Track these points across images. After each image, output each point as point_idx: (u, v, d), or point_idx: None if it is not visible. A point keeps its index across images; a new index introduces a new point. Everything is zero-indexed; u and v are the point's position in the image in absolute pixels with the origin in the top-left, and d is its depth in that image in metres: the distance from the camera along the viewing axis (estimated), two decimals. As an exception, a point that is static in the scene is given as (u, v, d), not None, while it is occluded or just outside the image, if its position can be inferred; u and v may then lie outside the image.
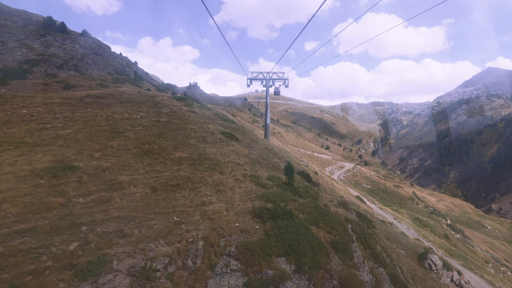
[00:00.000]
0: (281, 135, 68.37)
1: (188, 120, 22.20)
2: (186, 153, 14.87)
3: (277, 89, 33.50)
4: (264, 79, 35.75)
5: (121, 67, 52.96)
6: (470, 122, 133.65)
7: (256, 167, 17.51)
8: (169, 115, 22.10)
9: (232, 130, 26.40)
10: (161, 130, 17.98)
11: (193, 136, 18.54)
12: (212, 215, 8.57)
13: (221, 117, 30.27)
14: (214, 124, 24.94)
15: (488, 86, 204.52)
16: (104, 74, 42.85)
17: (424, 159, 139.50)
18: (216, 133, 21.36)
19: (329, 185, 28.85)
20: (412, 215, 44.16)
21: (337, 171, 57.79)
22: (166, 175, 11.09)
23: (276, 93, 34.18)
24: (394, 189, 52.83)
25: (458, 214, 77.92)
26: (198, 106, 29.66)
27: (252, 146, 23.19)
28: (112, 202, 8.18)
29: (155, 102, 25.78)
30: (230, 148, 19.27)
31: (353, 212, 19.27)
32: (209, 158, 15.23)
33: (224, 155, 17.01)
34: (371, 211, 31.14)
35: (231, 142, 20.95)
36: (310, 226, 10.01)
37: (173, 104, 26.37)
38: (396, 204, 47.68)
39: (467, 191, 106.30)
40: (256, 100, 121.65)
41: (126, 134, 15.76)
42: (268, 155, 23.09)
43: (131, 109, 22.03)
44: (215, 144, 18.78)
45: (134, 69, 60.01)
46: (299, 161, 33.36)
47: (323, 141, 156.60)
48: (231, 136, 22.48)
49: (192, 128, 20.35)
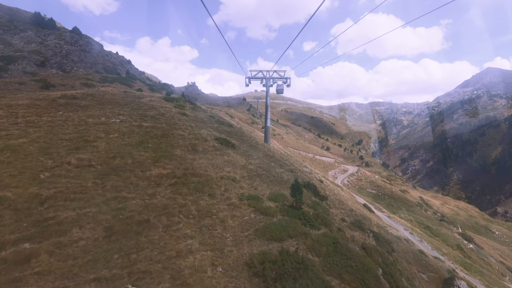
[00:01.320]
0: (281, 137, 65.48)
1: (177, 125, 19.26)
2: (169, 168, 11.96)
3: (280, 87, 30.51)
4: (264, 78, 32.87)
5: (112, 66, 49.91)
6: (473, 123, 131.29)
7: (255, 182, 14.63)
8: (154, 119, 19.16)
9: (229, 135, 23.51)
10: (142, 138, 15.05)
11: (180, 145, 15.62)
12: (190, 277, 5.68)
13: (217, 120, 27.37)
14: (208, 128, 22.02)
15: (487, 86, 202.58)
16: (91, 73, 39.81)
17: (426, 160, 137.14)
18: (209, 140, 18.44)
19: (336, 195, 26.01)
20: (421, 223, 41.44)
21: (340, 175, 55.00)
22: (133, 204, 8.17)
23: (278, 91, 31.11)
24: (401, 195, 50.09)
25: (463, 218, 75.39)
26: (191, 107, 26.73)
27: (251, 154, 20.30)
28: (34, 262, 5.29)
29: (141, 103, 22.84)
30: (224, 158, 16.37)
31: (369, 234, 16.44)
32: (197, 173, 12.32)
33: (217, 168, 14.10)
34: (382, 223, 28.35)
35: (226, 150, 18.05)
36: (331, 279, 7.16)
37: (162, 106, 23.43)
38: (404, 211, 44.94)
39: (471, 193, 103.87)
40: (255, 100, 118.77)
41: (95, 144, 12.83)
42: (269, 164, 20.22)
43: (111, 111, 19.08)
44: (207, 154, 15.87)
45: (127, 68, 56.98)
46: (302, 167, 30.51)
47: (323, 142, 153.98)
48: (226, 142, 19.57)
49: (181, 134, 17.43)
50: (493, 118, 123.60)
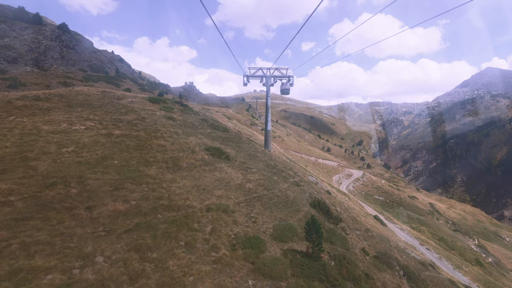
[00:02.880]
0: (282, 139, 62.07)
1: (158, 132, 15.76)
2: (133, 199, 8.48)
3: (285, 87, 26.68)
4: (263, 76, 29.43)
5: (100, 64, 46.27)
6: (476, 123, 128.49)
7: (254, 209, 11.20)
8: (131, 125, 15.65)
9: (223, 142, 20.05)
10: (107, 152, 11.55)
11: (158, 160, 12.14)
12: None
13: (210, 124, 23.89)
14: (198, 135, 18.53)
15: (486, 86, 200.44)
16: (73, 71, 36.15)
17: (429, 162, 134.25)
18: (198, 151, 14.96)
19: (347, 210, 22.63)
20: (435, 234, 38.21)
21: (344, 180, 51.67)
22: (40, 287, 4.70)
23: (283, 91, 27.01)
24: (410, 202, 46.83)
25: (471, 223, 72.34)
26: (181, 110, 23.22)
27: (249, 166, 16.86)
28: None
29: (119, 105, 19.31)
30: (216, 175, 12.91)
31: (399, 272, 13.03)
32: (174, 205, 8.87)
33: (204, 192, 10.65)
34: (398, 239, 25.03)
35: (219, 163, 14.58)
36: None
37: (144, 108, 19.92)
38: (415, 220, 41.68)
39: (476, 196, 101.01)
40: (254, 100, 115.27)
41: (34, 163, 9.33)
42: (271, 178, 16.80)
43: (78, 116, 15.55)
44: (193, 171, 12.41)
45: (117, 66, 53.32)
46: (307, 176, 27.10)
47: (323, 143, 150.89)
48: (219, 153, 16.11)
49: (161, 145, 13.93)
50: (497, 118, 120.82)
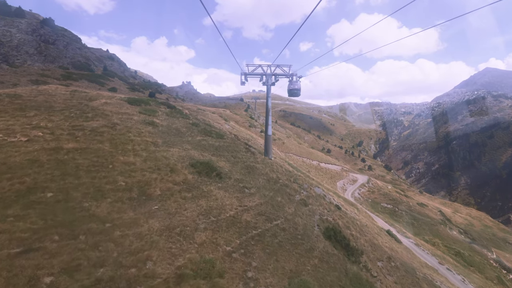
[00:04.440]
0: (282, 142, 58.66)
1: (130, 143, 12.26)
2: (45, 278, 5.01)
3: (294, 86, 21.60)
4: (264, 74, 25.99)
5: (85, 61, 42.57)
6: (480, 124, 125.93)
7: (254, 261, 7.77)
8: (94, 134, 12.13)
9: (216, 153, 16.59)
10: (42, 177, 8.05)
11: (118, 187, 8.64)
12: None
13: (202, 128, 20.41)
14: (184, 144, 15.04)
15: (486, 86, 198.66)
16: (51, 68, 32.38)
17: (431, 163, 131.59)
18: (180, 169, 11.47)
19: (362, 231, 19.27)
20: (450, 247, 35.03)
21: (349, 186, 48.40)
22: None
23: (292, 93, 21.79)
24: (420, 210, 43.67)
25: (479, 229, 69.37)
26: (166, 113, 19.71)
27: (247, 185, 13.42)
28: None
29: (88, 108, 15.77)
30: (200, 204, 9.46)
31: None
32: (122, 278, 5.44)
33: (179, 242, 7.19)
34: (420, 261, 21.76)
35: (206, 185, 11.13)
36: None
37: (119, 112, 16.39)
38: (427, 230, 38.50)
39: (480, 199, 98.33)
40: (253, 100, 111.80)
41: None
42: (274, 200, 13.42)
43: (27, 122, 12.02)
44: (168, 201, 8.94)
45: (105, 64, 49.61)
46: (314, 187, 23.70)
47: (323, 143, 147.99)
48: (209, 169, 12.62)
49: (129, 162, 10.43)
50: (502, 119, 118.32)
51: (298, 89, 21.43)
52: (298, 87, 21.44)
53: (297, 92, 21.58)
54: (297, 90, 21.47)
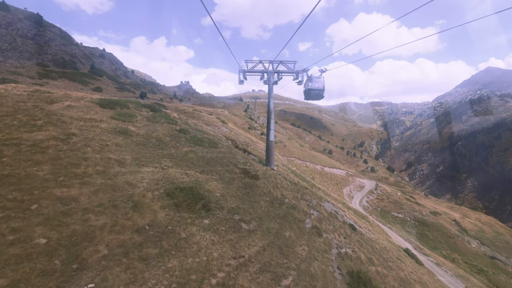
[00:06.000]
0: (284, 145, 55.26)
1: (82, 163, 8.83)
2: None
3: (315, 85, 15.57)
4: (265, 71, 22.65)
5: (69, 58, 39.09)
6: (486, 125, 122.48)
7: None
8: (33, 150, 8.69)
9: (206, 167, 13.20)
10: None
11: (29, 252, 5.26)
12: None
13: (192, 136, 16.99)
14: (164, 160, 11.61)
15: (488, 86, 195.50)
16: (27, 65, 28.92)
17: (435, 165, 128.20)
18: (149, 202, 8.06)
19: (387, 263, 15.88)
20: (471, 264, 31.67)
21: (356, 193, 45.02)
22: None
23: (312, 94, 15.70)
24: (434, 220, 40.32)
25: (491, 236, 65.96)
26: (148, 117, 16.29)
27: (245, 217, 10.05)
28: None
29: (42, 113, 12.34)
30: (169, 269, 6.04)
31: None
32: None
33: None
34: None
35: (186, 226, 7.73)
36: None
37: (84, 117, 12.95)
38: (443, 244, 35.15)
39: (489, 203, 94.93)
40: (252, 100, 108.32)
41: None
42: (281, 236, 10.17)
43: None
44: (117, 268, 5.56)
45: (93, 62, 46.14)
46: (324, 202, 20.26)
47: (324, 144, 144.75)
48: (192, 200, 9.20)
49: (67, 198, 7.00)
50: (509, 120, 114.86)
51: (321, 89, 15.66)
52: (322, 86, 15.65)
53: (319, 93, 15.81)
54: (319, 90, 15.70)
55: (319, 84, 15.39)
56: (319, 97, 15.77)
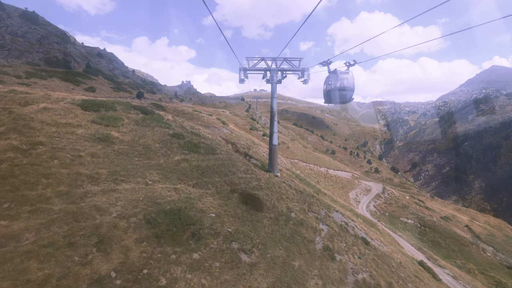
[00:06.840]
0: (287, 146, 53.38)
1: (41, 182, 7.06)
2: None
3: (343, 83, 11.20)
4: (268, 69, 20.83)
5: (63, 57, 37.52)
6: (493, 124, 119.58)
7: None
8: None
9: (200, 181, 11.39)
10: None
11: None
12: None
13: (186, 141, 15.19)
14: (150, 172, 9.81)
15: (493, 85, 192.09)
16: (14, 64, 27.38)
17: (441, 166, 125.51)
18: (120, 235, 6.29)
19: (405, 284, 14.00)
20: (488, 275, 29.62)
21: (363, 196, 43.04)
22: None
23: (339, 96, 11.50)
24: (445, 226, 38.23)
25: (501, 240, 63.64)
26: (137, 120, 14.51)
27: (244, 246, 8.17)
28: None
29: (8, 118, 10.60)
30: None
31: None
32: None
33: None
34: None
35: (167, 266, 5.89)
36: None
37: (59, 122, 11.18)
38: (457, 252, 33.10)
39: (497, 205, 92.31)
40: (254, 100, 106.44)
41: None
42: (289, 268, 8.19)
43: None
44: None
45: (88, 61, 44.54)
46: (332, 212, 18.37)
47: (327, 145, 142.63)
48: (178, 228, 7.38)
49: (5, 235, 5.28)
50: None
51: (351, 88, 11.63)
52: (351, 85, 11.60)
53: (347, 95, 11.74)
54: (348, 90, 11.66)
55: (347, 82, 11.42)
56: (347, 100, 11.85)
